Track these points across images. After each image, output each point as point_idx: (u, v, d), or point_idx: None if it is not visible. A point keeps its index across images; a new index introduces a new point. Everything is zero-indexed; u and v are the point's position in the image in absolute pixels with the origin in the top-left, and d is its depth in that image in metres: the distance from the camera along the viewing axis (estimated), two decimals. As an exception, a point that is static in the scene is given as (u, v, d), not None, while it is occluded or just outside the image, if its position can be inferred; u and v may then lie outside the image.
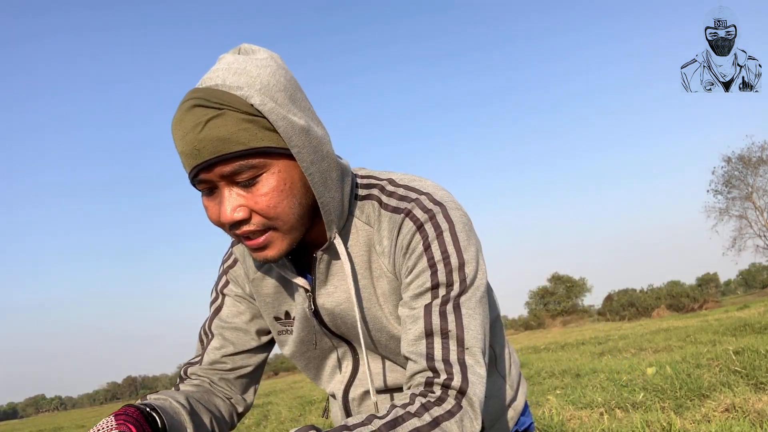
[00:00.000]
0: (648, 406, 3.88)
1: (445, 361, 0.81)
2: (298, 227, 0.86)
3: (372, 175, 0.97)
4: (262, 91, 0.80)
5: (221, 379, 1.06)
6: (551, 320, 41.38)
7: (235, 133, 0.78)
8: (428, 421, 0.75)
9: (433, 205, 0.89)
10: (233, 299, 1.08)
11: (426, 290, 0.86)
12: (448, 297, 0.85)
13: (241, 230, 0.84)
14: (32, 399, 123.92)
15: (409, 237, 0.88)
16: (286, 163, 0.82)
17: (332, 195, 0.87)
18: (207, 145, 0.78)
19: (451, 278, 0.85)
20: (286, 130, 0.80)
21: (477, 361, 0.82)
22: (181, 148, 0.80)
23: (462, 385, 0.80)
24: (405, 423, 0.74)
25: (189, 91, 0.82)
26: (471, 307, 0.85)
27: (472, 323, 0.84)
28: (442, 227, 0.87)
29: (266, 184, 0.81)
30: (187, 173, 0.83)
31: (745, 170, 34.16)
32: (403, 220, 0.89)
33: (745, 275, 77.07)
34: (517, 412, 1.14)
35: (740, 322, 8.57)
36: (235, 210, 0.82)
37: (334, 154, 0.89)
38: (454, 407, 0.78)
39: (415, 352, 0.84)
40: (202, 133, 0.78)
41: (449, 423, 0.76)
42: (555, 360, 8.34)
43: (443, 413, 0.77)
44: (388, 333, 0.94)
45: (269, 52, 0.86)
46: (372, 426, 0.73)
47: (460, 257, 0.86)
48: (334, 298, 0.95)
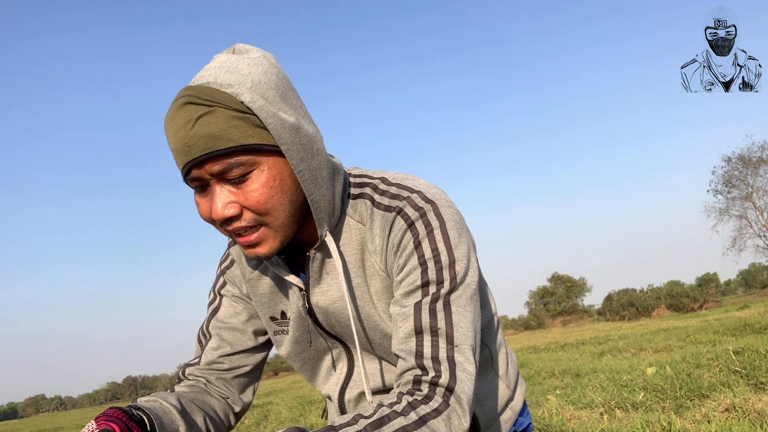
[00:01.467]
0: (648, 406, 3.87)
1: (434, 358, 0.81)
2: (290, 224, 0.87)
3: (365, 174, 0.98)
4: (252, 88, 0.80)
5: (218, 379, 1.06)
6: (551, 320, 41.36)
7: (225, 130, 0.78)
8: (414, 420, 0.75)
9: (424, 203, 0.89)
10: (230, 300, 1.08)
11: (416, 288, 0.86)
12: (438, 294, 0.84)
13: (232, 226, 0.84)
14: (32, 399, 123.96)
15: (400, 235, 0.88)
16: (276, 160, 0.83)
17: (322, 193, 0.87)
18: (197, 142, 0.78)
19: (442, 276, 0.85)
20: (275, 127, 0.81)
21: (467, 359, 0.82)
22: (173, 145, 0.81)
23: (450, 382, 0.79)
24: (391, 422, 0.74)
25: (181, 89, 0.82)
26: (461, 305, 0.85)
27: (462, 321, 0.84)
28: (432, 225, 0.87)
29: (256, 180, 0.82)
30: (180, 170, 0.84)
31: (745, 170, 34.16)
32: (395, 218, 0.89)
33: (745, 275, 77.15)
34: (515, 413, 1.13)
35: (740, 322, 8.57)
36: (226, 206, 0.82)
37: (325, 152, 0.89)
38: (441, 405, 0.77)
39: (405, 350, 0.83)
40: (193, 130, 0.78)
41: (436, 421, 0.76)
42: (555, 360, 8.33)
43: (430, 411, 0.76)
44: (381, 331, 0.94)
45: (263, 51, 0.87)
46: (358, 426, 0.73)
47: (450, 255, 0.86)
48: (328, 297, 0.95)
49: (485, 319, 1.04)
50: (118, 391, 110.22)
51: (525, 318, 46.41)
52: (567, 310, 44.38)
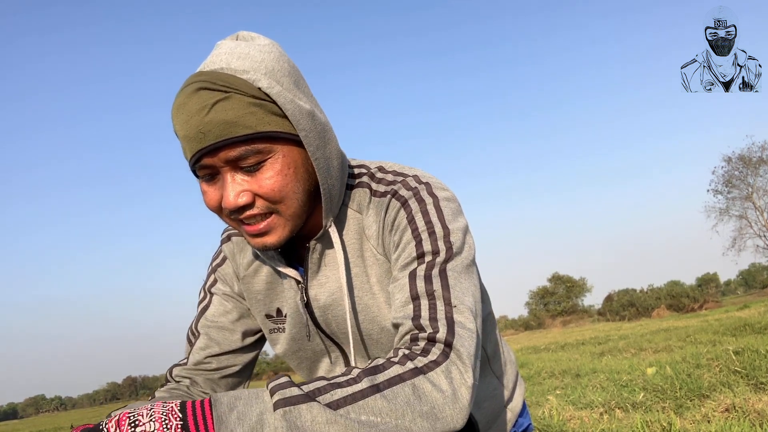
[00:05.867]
0: (648, 406, 3.87)
1: (432, 318, 0.77)
2: (300, 214, 0.86)
3: (363, 164, 0.97)
4: (268, 74, 0.79)
5: (206, 380, 1.04)
6: (551, 320, 41.36)
7: (242, 117, 0.77)
8: (411, 368, 0.70)
9: (418, 184, 0.88)
10: (220, 298, 1.06)
11: (412, 260, 0.84)
12: (434, 263, 0.82)
13: (243, 215, 0.83)
14: (32, 399, 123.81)
15: (393, 214, 0.87)
16: (290, 148, 0.82)
17: (333, 182, 0.87)
18: (213, 129, 0.76)
19: (437, 246, 0.83)
20: (294, 113, 0.80)
21: (466, 318, 0.77)
22: (185, 132, 0.78)
23: (448, 337, 0.74)
24: (386, 370, 0.70)
25: (192, 75, 0.80)
26: (458, 272, 0.82)
27: (459, 285, 0.80)
28: (426, 201, 0.86)
29: (271, 168, 0.80)
30: (188, 159, 0.81)
31: (745, 170, 34.13)
32: (390, 201, 0.88)
33: (745, 275, 77.08)
34: (514, 414, 1.12)
35: (740, 322, 8.56)
36: (238, 195, 0.80)
37: (336, 141, 0.89)
38: (440, 357, 0.72)
39: (402, 317, 0.80)
40: (209, 116, 0.76)
41: (434, 373, 0.70)
42: (555, 360, 8.32)
43: (428, 363, 0.71)
44: (379, 325, 0.93)
45: (269, 39, 0.85)
46: (351, 374, 0.70)
47: (444, 227, 0.84)
48: (326, 289, 0.94)
49: (482, 316, 1.03)
50: (118, 392, 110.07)
51: (525, 318, 46.41)
52: (567, 310, 44.38)
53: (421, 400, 0.67)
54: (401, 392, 0.67)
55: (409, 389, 0.68)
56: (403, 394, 0.67)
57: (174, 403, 0.63)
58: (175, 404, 0.63)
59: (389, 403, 0.66)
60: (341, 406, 0.65)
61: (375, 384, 0.67)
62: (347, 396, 0.66)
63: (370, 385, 0.67)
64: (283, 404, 0.63)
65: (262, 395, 0.65)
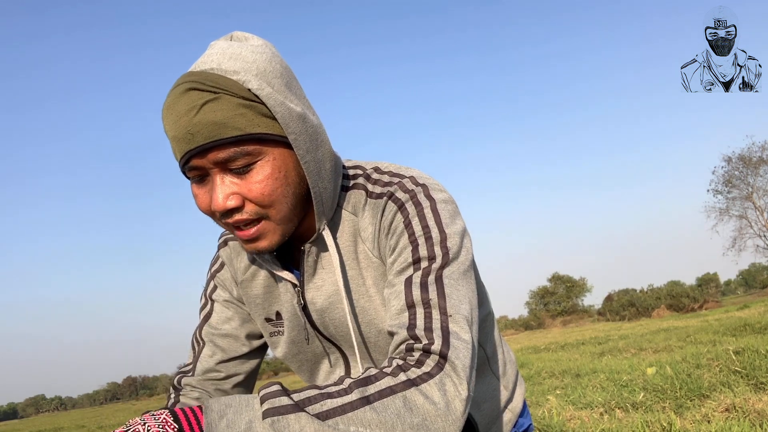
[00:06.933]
0: (648, 406, 3.87)
1: (427, 328, 0.76)
2: (291, 218, 0.85)
3: (358, 165, 0.96)
4: (259, 76, 0.78)
5: (217, 390, 1.04)
6: (551, 320, 41.34)
7: (231, 118, 0.76)
8: (403, 381, 0.69)
9: (415, 186, 0.87)
10: (221, 305, 1.06)
11: (408, 265, 0.83)
12: (430, 269, 0.81)
13: (232, 219, 0.82)
14: (32, 399, 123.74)
15: (390, 217, 0.86)
16: (281, 151, 0.81)
17: (325, 185, 0.86)
18: (201, 130, 0.75)
19: (433, 251, 0.82)
20: (283, 116, 0.79)
21: (461, 328, 0.76)
22: (174, 132, 0.77)
23: (443, 349, 0.73)
24: (378, 382, 0.69)
25: (182, 75, 0.79)
26: (454, 279, 0.80)
27: (455, 293, 0.79)
28: (423, 204, 0.85)
29: (261, 171, 0.79)
30: (178, 160, 0.81)
31: (745, 170, 34.14)
32: (386, 203, 0.87)
33: (745, 275, 77.09)
34: (514, 414, 1.12)
35: (740, 322, 8.55)
36: (227, 198, 0.79)
37: (329, 143, 0.88)
38: (434, 369, 0.71)
39: (397, 325, 0.79)
40: (197, 117, 0.75)
41: (428, 385, 0.69)
42: (555, 360, 8.32)
43: (421, 374, 0.70)
44: (376, 327, 0.92)
45: (263, 39, 0.84)
46: (342, 384, 0.69)
47: (441, 231, 0.83)
48: (322, 291, 0.93)
49: (480, 315, 1.02)
50: (118, 392, 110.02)
51: (525, 318, 46.37)
52: (567, 310, 44.35)
53: (412, 413, 0.67)
54: (391, 404, 0.67)
55: (399, 401, 0.67)
56: (393, 406, 0.67)
57: (165, 413, 0.64)
58: (167, 414, 0.63)
59: (379, 414, 0.66)
60: (330, 417, 0.64)
61: (365, 396, 0.67)
62: (337, 407, 0.65)
63: (361, 396, 0.67)
64: (272, 413, 0.63)
65: (253, 403, 0.65)
